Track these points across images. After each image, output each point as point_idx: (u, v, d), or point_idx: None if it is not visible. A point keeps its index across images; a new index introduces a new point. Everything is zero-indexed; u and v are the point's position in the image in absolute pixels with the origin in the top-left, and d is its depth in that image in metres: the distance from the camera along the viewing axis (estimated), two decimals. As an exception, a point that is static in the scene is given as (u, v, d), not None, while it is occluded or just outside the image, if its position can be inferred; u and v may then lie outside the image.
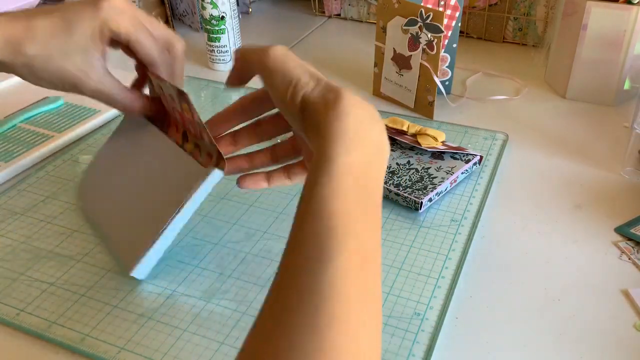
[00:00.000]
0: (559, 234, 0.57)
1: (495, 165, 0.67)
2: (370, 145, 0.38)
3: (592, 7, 0.74)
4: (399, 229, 0.58)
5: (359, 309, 0.31)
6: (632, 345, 0.46)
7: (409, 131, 0.68)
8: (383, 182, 0.39)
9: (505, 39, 1.00)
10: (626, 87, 0.78)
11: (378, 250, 0.36)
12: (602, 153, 0.69)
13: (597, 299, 0.50)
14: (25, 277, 0.53)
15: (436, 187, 0.60)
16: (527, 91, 0.84)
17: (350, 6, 1.11)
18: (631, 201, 0.61)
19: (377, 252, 0.35)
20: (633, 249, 0.55)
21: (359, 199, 0.35)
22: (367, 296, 0.32)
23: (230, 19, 0.88)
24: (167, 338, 0.47)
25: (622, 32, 0.73)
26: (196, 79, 0.89)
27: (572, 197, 0.62)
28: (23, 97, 0.83)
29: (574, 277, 0.52)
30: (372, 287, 0.33)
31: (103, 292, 0.51)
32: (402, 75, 0.78)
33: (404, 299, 0.50)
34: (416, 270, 0.53)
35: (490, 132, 0.73)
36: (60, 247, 0.56)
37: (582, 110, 0.79)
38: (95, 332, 0.47)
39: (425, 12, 0.71)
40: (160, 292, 0.51)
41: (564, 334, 0.47)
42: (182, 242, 0.57)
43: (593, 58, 0.77)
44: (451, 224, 0.58)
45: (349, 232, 0.33)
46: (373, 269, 0.34)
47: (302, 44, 1.03)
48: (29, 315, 0.49)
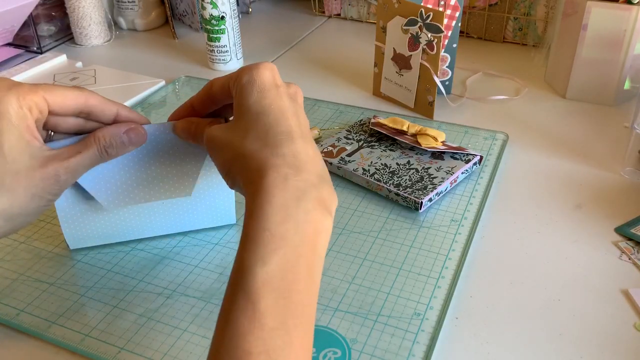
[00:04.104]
0: (559, 234, 0.57)
1: (495, 165, 0.67)
2: (299, 236, 0.35)
3: (592, 7, 0.74)
4: (399, 229, 0.58)
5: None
6: (632, 345, 0.46)
7: (409, 131, 0.68)
8: (318, 284, 0.36)
9: (505, 39, 1.00)
10: (626, 87, 0.78)
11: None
12: (602, 153, 0.69)
13: (597, 299, 0.50)
14: (25, 277, 0.53)
15: (436, 187, 0.60)
16: (527, 91, 0.84)
17: (350, 6, 1.11)
18: (631, 201, 0.61)
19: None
20: (633, 249, 0.55)
21: (280, 323, 0.32)
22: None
23: (230, 19, 0.88)
24: (167, 338, 0.47)
25: (622, 32, 0.73)
26: (196, 79, 0.89)
27: (572, 197, 0.62)
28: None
29: (574, 277, 0.52)
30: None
31: (103, 292, 0.51)
32: (402, 75, 0.78)
33: (404, 299, 0.50)
34: (416, 270, 0.53)
35: (490, 132, 0.73)
36: (60, 247, 0.56)
37: (582, 110, 0.79)
38: (95, 332, 0.47)
39: (425, 12, 0.71)
40: (160, 292, 0.51)
41: (564, 334, 0.47)
42: (182, 242, 0.57)
43: (593, 58, 0.77)
44: (451, 224, 0.58)
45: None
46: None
47: (302, 44, 1.03)
48: (29, 315, 0.49)
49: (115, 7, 1.10)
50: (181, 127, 0.49)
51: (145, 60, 0.97)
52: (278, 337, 0.32)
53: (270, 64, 0.42)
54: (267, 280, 0.33)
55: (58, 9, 1.03)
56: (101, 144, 0.46)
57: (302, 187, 0.36)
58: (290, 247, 0.34)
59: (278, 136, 0.38)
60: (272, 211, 0.35)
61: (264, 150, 0.38)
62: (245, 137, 0.39)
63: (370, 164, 0.64)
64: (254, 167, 0.37)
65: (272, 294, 0.33)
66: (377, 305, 0.49)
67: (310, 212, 0.36)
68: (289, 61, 0.96)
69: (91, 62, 0.96)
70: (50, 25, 1.03)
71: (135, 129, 0.47)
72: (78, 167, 0.45)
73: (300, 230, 0.35)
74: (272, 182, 0.36)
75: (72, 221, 0.53)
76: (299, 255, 0.34)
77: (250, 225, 0.35)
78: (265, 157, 0.37)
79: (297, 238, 0.35)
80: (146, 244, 0.56)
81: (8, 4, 0.87)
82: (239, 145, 0.39)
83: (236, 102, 0.41)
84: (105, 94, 0.86)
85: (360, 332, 0.47)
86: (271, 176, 0.36)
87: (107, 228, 0.54)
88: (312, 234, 0.36)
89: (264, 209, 0.35)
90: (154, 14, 1.10)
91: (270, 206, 0.35)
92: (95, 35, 1.03)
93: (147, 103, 0.82)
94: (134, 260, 0.55)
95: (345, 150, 0.67)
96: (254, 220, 0.35)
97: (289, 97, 0.41)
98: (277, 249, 0.34)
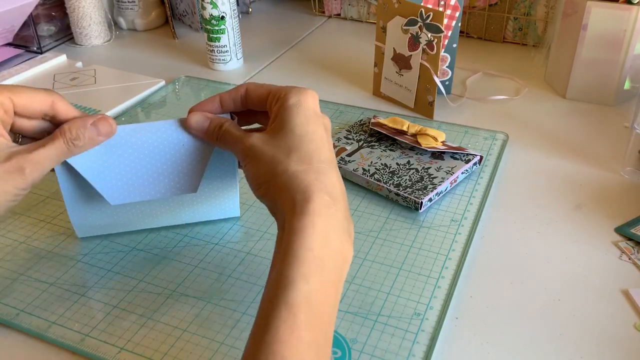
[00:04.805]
0: (559, 234, 0.57)
1: (495, 165, 0.67)
2: (333, 262, 0.38)
3: (592, 7, 0.74)
4: (399, 229, 0.58)
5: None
6: (632, 345, 0.46)
7: (409, 131, 0.68)
8: (338, 306, 0.38)
9: (505, 39, 1.00)
10: (626, 87, 0.78)
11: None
12: (602, 153, 0.69)
13: (597, 299, 0.50)
14: (25, 277, 0.53)
15: (436, 187, 0.60)
16: (527, 91, 0.84)
17: (350, 6, 1.11)
18: (631, 201, 0.61)
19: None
20: (633, 249, 0.55)
21: (312, 338, 0.35)
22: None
23: (230, 19, 0.88)
24: (167, 338, 0.47)
25: (622, 32, 0.73)
26: (196, 79, 0.89)
27: (572, 197, 0.62)
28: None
29: (574, 277, 0.52)
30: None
31: (103, 292, 0.51)
32: (402, 75, 0.78)
33: (404, 299, 0.50)
34: (416, 270, 0.53)
35: (490, 132, 0.73)
36: (60, 247, 0.56)
37: (582, 110, 0.79)
38: (95, 332, 0.47)
39: (425, 12, 0.71)
40: (160, 292, 0.51)
41: (564, 334, 0.47)
42: (182, 242, 0.57)
43: (593, 58, 0.77)
44: (451, 224, 0.58)
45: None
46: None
47: (302, 44, 1.03)
48: (29, 315, 0.49)
49: (115, 7, 1.10)
50: (196, 120, 0.49)
51: (145, 60, 0.97)
52: (311, 351, 0.34)
53: (314, 92, 0.45)
54: (307, 296, 0.35)
55: (58, 9, 1.03)
56: (67, 136, 0.46)
57: (339, 217, 0.39)
58: (327, 270, 0.37)
59: (321, 164, 0.41)
60: (315, 235, 0.37)
61: (309, 173, 0.40)
62: (289, 156, 0.41)
63: (370, 164, 0.64)
64: (299, 187, 0.39)
65: (310, 309, 0.35)
66: (377, 305, 0.49)
67: (343, 243, 0.39)
68: (289, 61, 0.96)
69: (91, 62, 0.96)
70: (50, 25, 1.03)
71: (103, 119, 0.47)
72: (43, 160, 0.45)
73: (335, 256, 0.38)
74: (317, 207, 0.38)
75: (79, 209, 0.53)
76: (332, 279, 0.37)
77: (296, 244, 0.37)
78: (310, 180, 0.40)
79: (332, 263, 0.37)
80: (146, 244, 0.56)
81: (8, 4, 0.87)
82: (283, 161, 0.41)
83: (280, 119, 0.43)
84: (105, 94, 0.86)
85: (360, 332, 0.47)
86: (316, 201, 0.38)
87: (114, 217, 0.55)
88: (342, 262, 0.39)
89: (309, 230, 0.37)
90: (154, 14, 1.10)
91: (314, 229, 0.37)
92: (95, 35, 1.03)
93: (147, 103, 0.82)
94: (134, 260, 0.55)
95: (345, 150, 0.67)
96: (300, 239, 0.37)
97: (325, 128, 0.44)
98: (319, 270, 0.36)
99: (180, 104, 0.83)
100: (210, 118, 0.49)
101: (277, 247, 0.39)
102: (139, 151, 0.50)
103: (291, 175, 0.40)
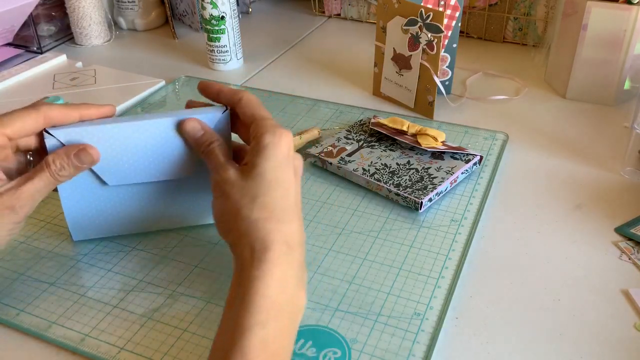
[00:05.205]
0: (559, 234, 0.57)
1: (495, 165, 0.67)
2: (289, 308, 0.39)
3: (592, 7, 0.74)
4: (399, 229, 0.58)
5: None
6: (632, 345, 0.46)
7: (409, 131, 0.68)
8: (292, 352, 0.40)
9: (505, 39, 1.00)
10: (626, 87, 0.78)
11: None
12: (602, 153, 0.69)
13: (597, 299, 0.50)
14: (25, 277, 0.53)
15: (436, 187, 0.60)
16: (527, 91, 0.84)
17: (350, 6, 1.11)
18: (631, 201, 0.61)
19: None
20: (633, 249, 0.55)
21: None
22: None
23: (230, 19, 0.88)
24: (167, 338, 0.47)
25: (622, 32, 0.73)
26: (196, 79, 0.89)
27: (572, 197, 0.62)
28: (22, 97, 0.83)
29: (574, 277, 0.52)
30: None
31: (103, 292, 0.51)
32: (402, 75, 0.78)
33: (404, 299, 0.50)
34: (416, 270, 0.53)
35: (490, 132, 0.73)
36: (60, 247, 0.56)
37: (582, 110, 0.79)
38: (95, 332, 0.47)
39: (425, 12, 0.71)
40: (160, 292, 0.51)
41: (564, 334, 0.47)
42: (182, 242, 0.57)
43: (593, 58, 0.77)
44: (451, 224, 0.58)
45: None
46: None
47: (302, 44, 1.03)
48: (29, 315, 0.49)
49: (115, 7, 1.10)
50: (191, 127, 0.50)
51: (145, 60, 0.97)
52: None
53: (289, 133, 0.46)
54: (263, 342, 0.37)
55: (58, 9, 1.03)
56: (52, 169, 0.48)
57: (295, 266, 0.41)
58: (284, 317, 0.39)
59: (282, 213, 0.43)
60: (273, 282, 0.39)
61: (269, 222, 0.42)
62: (254, 202, 0.43)
63: (370, 164, 0.64)
64: (258, 236, 0.41)
65: (265, 355, 0.36)
66: (377, 305, 0.49)
67: (299, 290, 0.41)
68: (289, 61, 0.96)
69: (91, 62, 0.96)
70: (50, 25, 1.03)
71: (84, 149, 0.49)
72: (32, 194, 0.47)
73: (291, 303, 0.40)
74: (275, 256, 0.40)
75: (76, 212, 0.53)
76: (287, 325, 0.39)
77: (253, 291, 0.39)
78: (270, 229, 0.41)
79: (288, 309, 0.39)
80: (146, 244, 0.56)
81: (8, 4, 0.87)
82: (246, 206, 0.43)
83: (252, 160, 0.45)
84: (105, 94, 0.85)
85: (360, 332, 0.47)
86: (275, 250, 0.40)
87: (111, 220, 0.55)
88: (297, 309, 0.41)
89: (266, 278, 0.39)
90: (154, 14, 1.10)
91: (272, 277, 0.39)
92: (95, 35, 1.03)
93: (147, 103, 0.82)
94: (134, 260, 0.55)
95: (345, 150, 0.67)
96: (257, 286, 0.39)
97: (294, 170, 0.46)
98: (275, 316, 0.38)
99: (180, 104, 0.83)
100: (205, 131, 0.50)
101: (233, 290, 0.41)
102: (136, 142, 0.51)
103: (252, 222, 0.42)
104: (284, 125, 0.74)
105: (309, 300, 0.50)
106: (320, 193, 0.63)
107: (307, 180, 0.65)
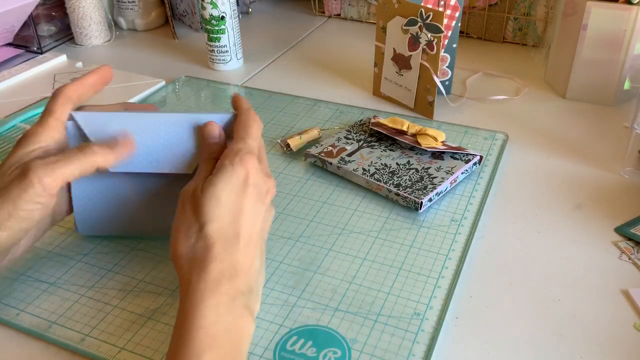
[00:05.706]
0: (559, 234, 0.57)
1: (495, 165, 0.67)
2: (228, 337, 0.39)
3: (592, 7, 0.74)
4: (399, 229, 0.58)
5: None
6: (632, 345, 0.46)
7: (409, 131, 0.68)
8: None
9: (505, 39, 1.00)
10: (626, 87, 0.78)
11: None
12: (602, 153, 0.69)
13: (597, 299, 0.50)
14: (25, 277, 0.53)
15: (436, 187, 0.60)
16: (527, 91, 0.84)
17: (350, 6, 1.11)
18: (631, 201, 0.61)
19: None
20: (633, 249, 0.55)
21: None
22: None
23: (230, 19, 0.88)
24: (167, 338, 0.47)
25: (622, 32, 0.73)
26: (196, 79, 0.89)
27: (572, 197, 0.62)
28: (22, 97, 0.83)
29: (574, 277, 0.52)
30: None
31: (103, 292, 0.51)
32: (402, 75, 0.78)
33: (404, 299, 0.50)
34: (416, 270, 0.53)
35: (490, 132, 0.73)
36: (60, 247, 0.56)
37: (582, 110, 0.79)
38: (95, 332, 0.47)
39: (425, 12, 0.71)
40: (160, 292, 0.51)
41: (564, 334, 0.47)
42: (182, 242, 0.57)
43: (593, 58, 0.77)
44: (451, 224, 0.58)
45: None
46: None
47: (302, 44, 1.03)
48: (29, 315, 0.49)
49: (115, 7, 1.10)
50: (210, 131, 0.49)
51: (145, 60, 0.97)
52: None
53: (253, 161, 0.44)
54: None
55: (58, 9, 1.03)
56: (94, 159, 0.47)
57: (232, 294, 0.40)
58: (221, 347, 0.38)
59: (227, 239, 0.42)
60: (206, 312, 0.38)
61: (212, 248, 0.41)
62: (205, 226, 0.42)
63: (370, 164, 0.65)
64: (197, 265, 0.41)
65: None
66: (377, 305, 0.49)
67: (240, 317, 0.40)
68: (289, 61, 0.96)
69: (91, 62, 0.96)
70: (51, 25, 1.03)
71: (125, 147, 0.49)
72: (67, 176, 0.45)
73: (229, 332, 0.39)
74: (208, 285, 0.39)
75: (85, 204, 0.53)
76: (227, 354, 0.38)
77: (187, 323, 0.38)
78: (211, 258, 0.41)
79: (227, 338, 0.39)
80: (146, 244, 0.56)
81: (8, 4, 0.87)
82: (194, 227, 0.42)
83: (214, 175, 0.44)
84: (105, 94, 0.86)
85: (360, 332, 0.47)
86: (208, 279, 0.40)
87: (115, 215, 0.54)
88: (238, 337, 0.40)
89: (199, 308, 0.39)
90: (154, 14, 1.10)
91: (205, 306, 0.39)
92: (96, 35, 1.03)
93: (147, 103, 0.82)
94: (134, 260, 0.55)
95: (345, 150, 0.67)
96: (190, 318, 0.38)
97: (257, 197, 0.44)
98: (211, 347, 0.37)
99: (180, 104, 0.83)
100: (218, 141, 0.49)
101: (177, 315, 0.40)
102: (153, 134, 0.51)
103: (196, 248, 0.41)
104: (284, 125, 0.74)
105: (309, 300, 0.50)
106: (320, 193, 0.63)
107: (307, 180, 0.65)
